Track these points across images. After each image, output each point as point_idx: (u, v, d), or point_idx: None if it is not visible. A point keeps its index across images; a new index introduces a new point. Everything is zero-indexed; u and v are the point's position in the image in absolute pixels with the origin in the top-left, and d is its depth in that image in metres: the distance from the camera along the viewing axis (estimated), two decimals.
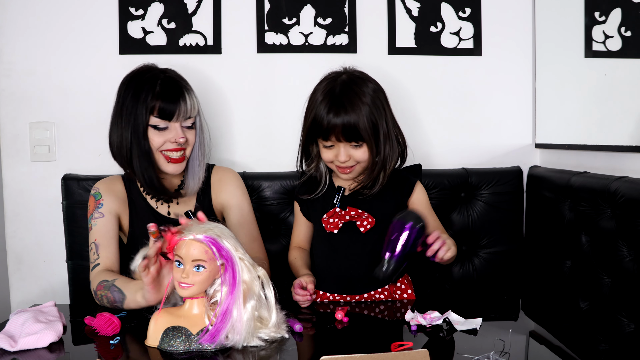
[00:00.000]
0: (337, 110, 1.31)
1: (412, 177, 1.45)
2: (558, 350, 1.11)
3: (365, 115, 1.31)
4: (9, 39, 1.73)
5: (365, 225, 1.37)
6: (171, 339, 1.04)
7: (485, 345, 1.05)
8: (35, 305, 1.27)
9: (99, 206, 1.39)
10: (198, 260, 1.03)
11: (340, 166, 1.37)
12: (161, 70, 1.39)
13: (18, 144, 1.76)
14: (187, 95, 1.37)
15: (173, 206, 1.45)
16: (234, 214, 1.48)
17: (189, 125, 1.38)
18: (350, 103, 1.31)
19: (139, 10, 1.75)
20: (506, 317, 1.39)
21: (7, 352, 1.04)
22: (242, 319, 1.03)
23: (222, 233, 1.05)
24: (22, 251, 1.78)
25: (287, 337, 1.09)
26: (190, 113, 1.37)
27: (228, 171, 1.54)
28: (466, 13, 1.82)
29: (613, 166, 1.46)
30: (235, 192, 1.49)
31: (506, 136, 1.86)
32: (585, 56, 1.67)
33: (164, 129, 1.35)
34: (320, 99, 1.34)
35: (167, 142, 1.35)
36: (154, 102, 1.33)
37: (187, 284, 1.04)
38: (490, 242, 1.74)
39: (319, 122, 1.33)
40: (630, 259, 1.25)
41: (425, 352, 0.90)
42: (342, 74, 1.38)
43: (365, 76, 1.39)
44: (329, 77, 1.39)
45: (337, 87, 1.34)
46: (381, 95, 1.38)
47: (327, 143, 1.36)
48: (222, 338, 1.03)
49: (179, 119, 1.35)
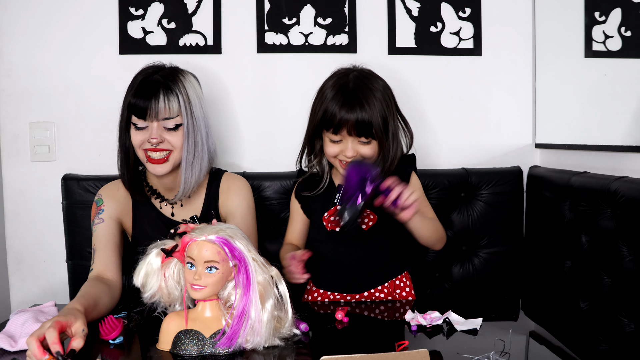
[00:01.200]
0: (352, 105, 1.30)
1: (407, 168, 1.44)
2: (558, 350, 1.11)
3: (378, 112, 1.31)
4: (9, 39, 1.73)
5: (367, 222, 1.37)
6: (184, 342, 1.02)
7: (486, 345, 1.05)
8: (35, 305, 1.27)
9: (99, 212, 1.40)
10: (210, 262, 1.01)
11: (345, 161, 1.36)
12: (157, 68, 1.37)
13: (18, 144, 1.76)
14: (165, 95, 1.31)
15: (177, 208, 1.45)
16: (236, 224, 1.45)
17: (171, 127, 1.33)
18: (365, 98, 1.31)
19: (139, 10, 1.75)
20: (506, 317, 1.39)
21: (7, 352, 1.04)
22: (262, 320, 1.02)
23: (234, 234, 1.04)
24: (22, 251, 1.78)
25: (299, 334, 1.10)
26: (167, 114, 1.31)
27: (238, 180, 1.50)
28: (466, 13, 1.82)
29: (613, 166, 1.46)
30: (242, 203, 1.47)
31: (506, 136, 1.86)
32: (585, 56, 1.67)
33: (143, 129, 1.33)
34: (333, 93, 1.33)
35: (145, 141, 1.33)
36: (131, 100, 1.32)
37: (200, 286, 1.02)
38: (490, 242, 1.74)
39: (331, 116, 1.32)
40: (630, 259, 1.25)
41: (425, 352, 0.90)
42: (353, 71, 1.38)
43: (374, 73, 1.39)
44: (339, 72, 1.38)
45: (350, 82, 1.34)
46: (389, 93, 1.38)
47: (335, 137, 1.34)
48: (242, 341, 1.02)
49: (153, 119, 1.31)
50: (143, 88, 1.31)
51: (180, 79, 1.36)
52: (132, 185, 1.39)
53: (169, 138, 1.33)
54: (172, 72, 1.36)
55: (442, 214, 1.73)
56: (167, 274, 1.08)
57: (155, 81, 1.32)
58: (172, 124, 1.32)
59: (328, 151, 1.37)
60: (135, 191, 1.40)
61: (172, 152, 1.34)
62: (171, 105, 1.31)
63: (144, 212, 1.44)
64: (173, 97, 1.32)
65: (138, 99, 1.30)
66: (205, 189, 1.46)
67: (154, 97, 1.30)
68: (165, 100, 1.31)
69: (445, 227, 1.73)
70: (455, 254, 1.75)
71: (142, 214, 1.43)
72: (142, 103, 1.30)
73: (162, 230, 1.36)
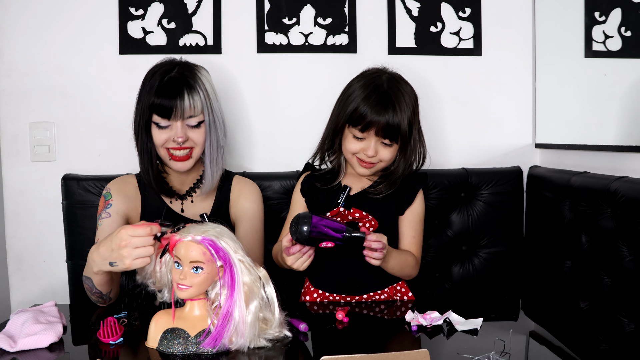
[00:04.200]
0: (385, 106, 1.31)
1: (416, 184, 1.44)
2: (558, 350, 1.11)
3: (407, 117, 1.33)
4: (9, 39, 1.73)
5: (368, 227, 1.37)
6: (169, 341, 1.03)
7: (486, 346, 1.05)
8: (35, 305, 1.27)
9: (107, 206, 1.40)
10: (196, 262, 1.02)
11: (364, 160, 1.36)
12: (174, 65, 1.36)
13: (18, 144, 1.76)
14: (189, 93, 1.32)
15: (187, 204, 1.45)
16: (243, 226, 1.47)
17: (194, 124, 1.35)
18: (397, 101, 1.32)
19: (139, 10, 1.75)
20: (506, 317, 1.39)
21: (7, 352, 1.04)
22: (246, 321, 1.02)
23: (220, 234, 1.04)
24: (22, 251, 1.78)
25: (289, 335, 1.09)
26: (192, 112, 1.33)
27: (250, 184, 1.52)
28: (466, 13, 1.82)
29: (613, 166, 1.46)
30: (252, 207, 1.48)
31: (506, 136, 1.86)
32: (585, 56, 1.67)
33: (166, 127, 1.34)
34: (366, 92, 1.33)
35: (169, 140, 1.35)
36: (154, 100, 1.31)
37: (185, 286, 1.03)
38: (490, 242, 1.74)
39: (362, 114, 1.32)
40: (630, 259, 1.25)
41: (425, 352, 0.90)
42: (384, 72, 1.38)
43: (404, 78, 1.40)
44: (370, 72, 1.39)
45: (385, 83, 1.34)
46: (416, 100, 1.39)
47: (360, 134, 1.34)
48: (226, 342, 1.02)
49: (178, 118, 1.33)
50: (166, 87, 1.31)
51: (198, 75, 1.37)
52: (157, 184, 1.39)
53: (192, 135, 1.35)
54: (189, 68, 1.37)
55: (442, 214, 1.73)
56: (163, 260, 1.09)
57: (177, 79, 1.33)
58: (196, 121, 1.35)
59: (349, 147, 1.37)
60: (160, 189, 1.40)
61: (193, 149, 1.37)
62: (195, 103, 1.33)
63: (154, 207, 1.43)
64: (196, 95, 1.33)
65: (162, 98, 1.31)
66: (216, 189, 1.47)
67: (178, 96, 1.31)
68: (190, 99, 1.32)
69: (446, 227, 1.74)
70: (455, 254, 1.75)
71: (151, 210, 1.43)
72: (168, 103, 1.31)
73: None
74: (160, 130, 1.34)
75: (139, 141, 1.37)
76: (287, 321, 1.12)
